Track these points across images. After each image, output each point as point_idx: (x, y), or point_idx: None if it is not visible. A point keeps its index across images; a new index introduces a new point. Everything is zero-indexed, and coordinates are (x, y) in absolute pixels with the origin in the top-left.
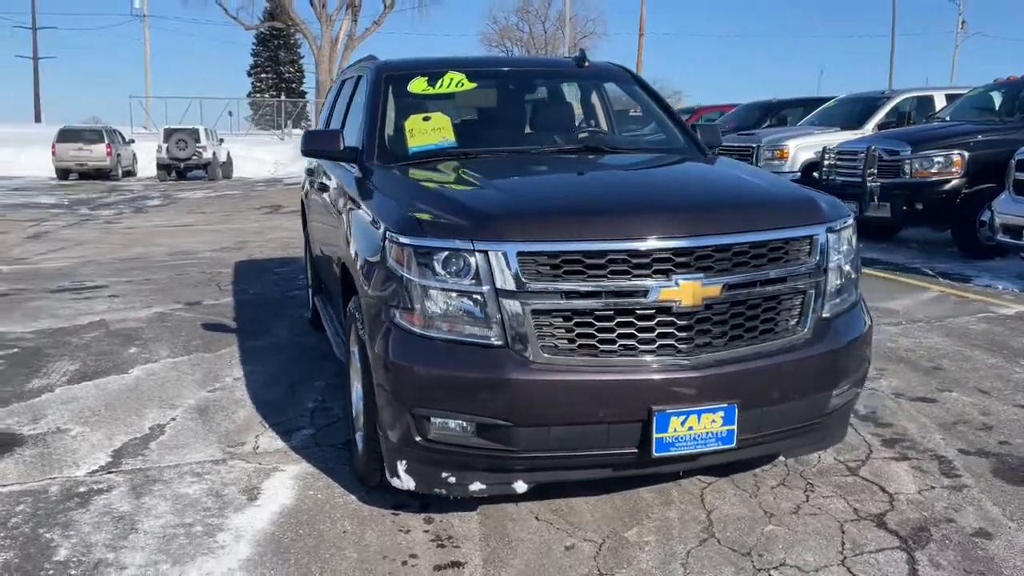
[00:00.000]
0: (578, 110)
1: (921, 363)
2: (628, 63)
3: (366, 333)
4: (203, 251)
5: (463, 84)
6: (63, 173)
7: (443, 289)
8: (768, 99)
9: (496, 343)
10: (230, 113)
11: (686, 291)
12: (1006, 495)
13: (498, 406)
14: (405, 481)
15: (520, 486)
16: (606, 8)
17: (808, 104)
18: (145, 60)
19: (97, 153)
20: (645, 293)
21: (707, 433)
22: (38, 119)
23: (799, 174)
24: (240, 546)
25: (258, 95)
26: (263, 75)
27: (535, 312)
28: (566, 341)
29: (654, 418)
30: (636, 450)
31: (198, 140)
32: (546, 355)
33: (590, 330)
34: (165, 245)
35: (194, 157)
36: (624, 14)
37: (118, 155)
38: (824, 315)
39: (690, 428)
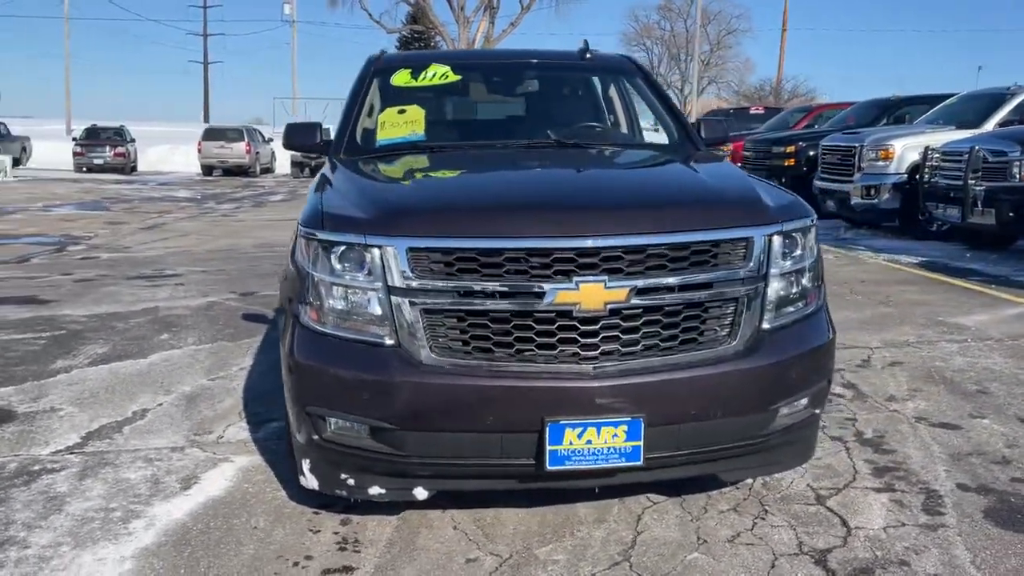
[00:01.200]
0: (575, 103)
1: (965, 386)
2: (770, 60)
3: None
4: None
5: (447, 76)
6: (207, 169)
7: (339, 285)
8: (888, 96)
9: (388, 343)
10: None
11: (586, 294)
12: (987, 539)
13: (385, 408)
14: (310, 480)
15: (420, 492)
16: (751, 4)
17: (931, 101)
18: (292, 63)
19: (237, 151)
20: (542, 295)
21: (608, 448)
22: (207, 119)
23: (905, 176)
24: (146, 534)
25: None
26: None
27: (427, 312)
28: (460, 343)
29: (547, 429)
30: (533, 462)
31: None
32: (438, 357)
33: (485, 332)
34: (258, 238)
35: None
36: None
37: (256, 153)
38: (764, 326)
39: (588, 442)
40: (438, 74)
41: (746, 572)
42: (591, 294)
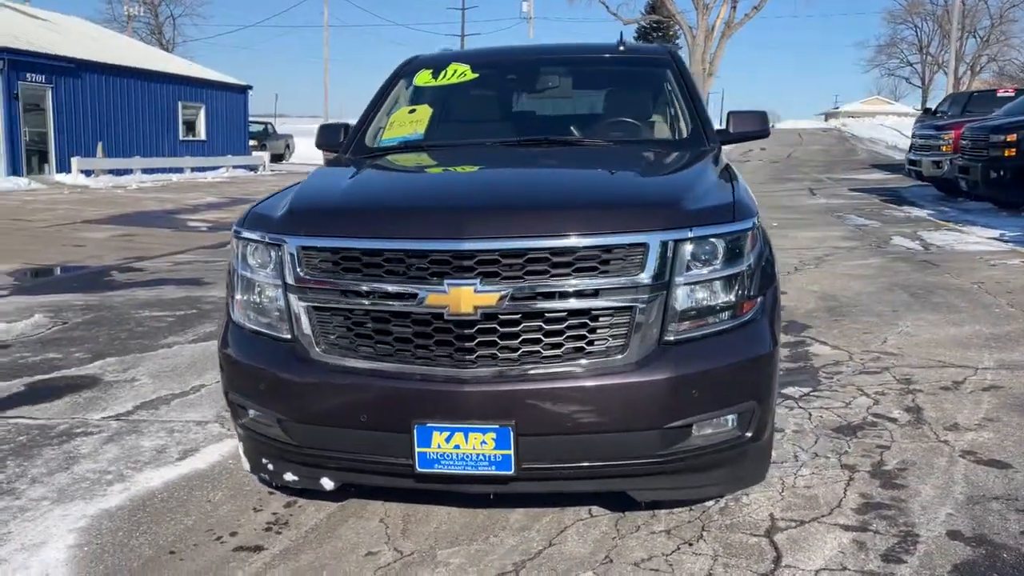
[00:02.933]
0: (596, 98)
1: None
2: None
3: None
4: None
5: (465, 75)
6: None
7: (251, 280)
8: None
9: (285, 337)
10: None
11: (455, 298)
12: None
13: (279, 401)
14: (244, 462)
15: (327, 483)
16: None
17: None
18: None
19: None
20: (415, 297)
21: (478, 455)
22: None
23: None
24: (116, 498)
25: None
26: None
27: (316, 309)
28: (346, 342)
29: (414, 431)
30: (409, 463)
31: None
32: (324, 354)
33: (367, 332)
34: None
35: None
36: None
37: None
38: (668, 338)
39: (456, 447)
40: (456, 72)
41: None
42: (460, 298)
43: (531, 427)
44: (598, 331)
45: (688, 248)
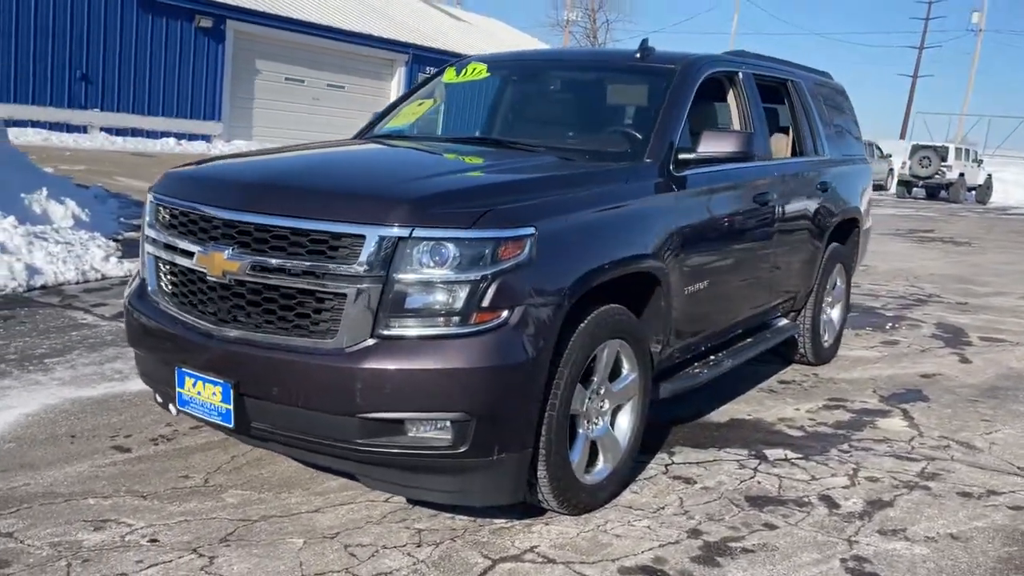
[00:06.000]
0: (582, 106)
1: None
2: None
3: None
4: None
5: (480, 74)
6: None
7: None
8: None
9: (144, 278)
10: None
11: (210, 261)
12: None
13: (126, 327)
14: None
15: (157, 397)
16: None
17: None
18: (970, 76)
19: None
20: (192, 256)
21: (211, 404)
22: (902, 136)
23: None
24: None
25: None
26: None
27: (156, 257)
28: (169, 287)
29: (175, 372)
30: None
31: (944, 159)
32: (153, 295)
33: (169, 281)
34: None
35: (936, 176)
36: None
37: None
38: (383, 331)
39: (199, 393)
40: (475, 70)
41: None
42: (214, 262)
43: (251, 389)
44: (320, 313)
45: (412, 246)
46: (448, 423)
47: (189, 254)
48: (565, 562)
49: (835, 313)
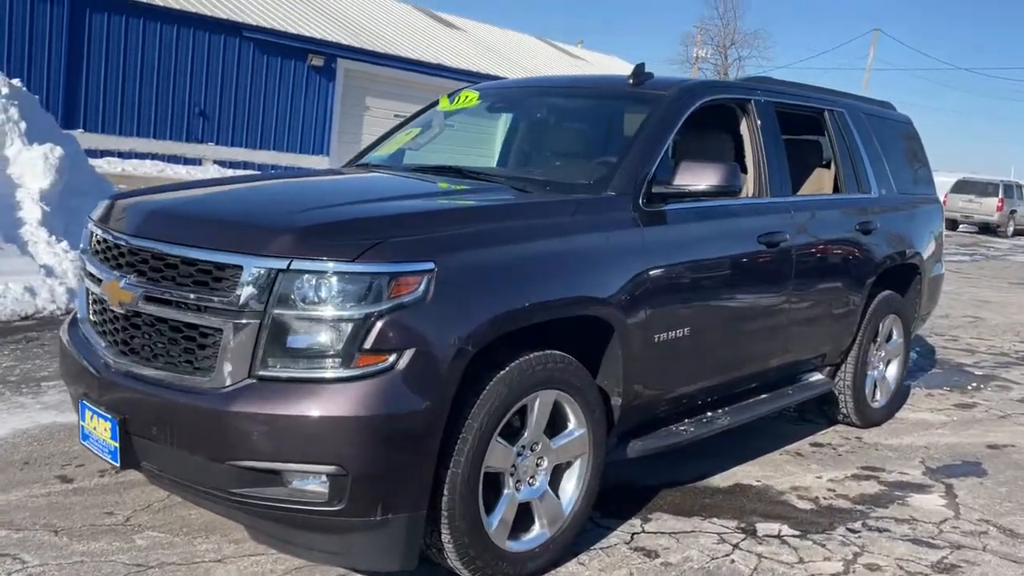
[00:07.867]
0: (558, 134)
1: None
2: None
3: None
4: None
5: (472, 101)
6: (951, 224)
7: None
8: None
9: (79, 308)
10: None
11: (108, 289)
12: None
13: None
14: None
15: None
16: None
17: None
18: None
19: (986, 207)
20: (100, 283)
21: (103, 440)
22: None
23: None
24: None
25: None
26: None
27: (84, 283)
28: (91, 316)
29: (79, 402)
30: None
31: None
32: (80, 322)
33: (93, 309)
34: None
35: None
36: None
37: (1011, 211)
38: (260, 371)
39: (95, 427)
40: (467, 98)
41: None
42: (110, 290)
43: (136, 427)
44: (203, 349)
45: (291, 280)
46: (327, 479)
47: (98, 281)
48: None
49: (891, 370)
